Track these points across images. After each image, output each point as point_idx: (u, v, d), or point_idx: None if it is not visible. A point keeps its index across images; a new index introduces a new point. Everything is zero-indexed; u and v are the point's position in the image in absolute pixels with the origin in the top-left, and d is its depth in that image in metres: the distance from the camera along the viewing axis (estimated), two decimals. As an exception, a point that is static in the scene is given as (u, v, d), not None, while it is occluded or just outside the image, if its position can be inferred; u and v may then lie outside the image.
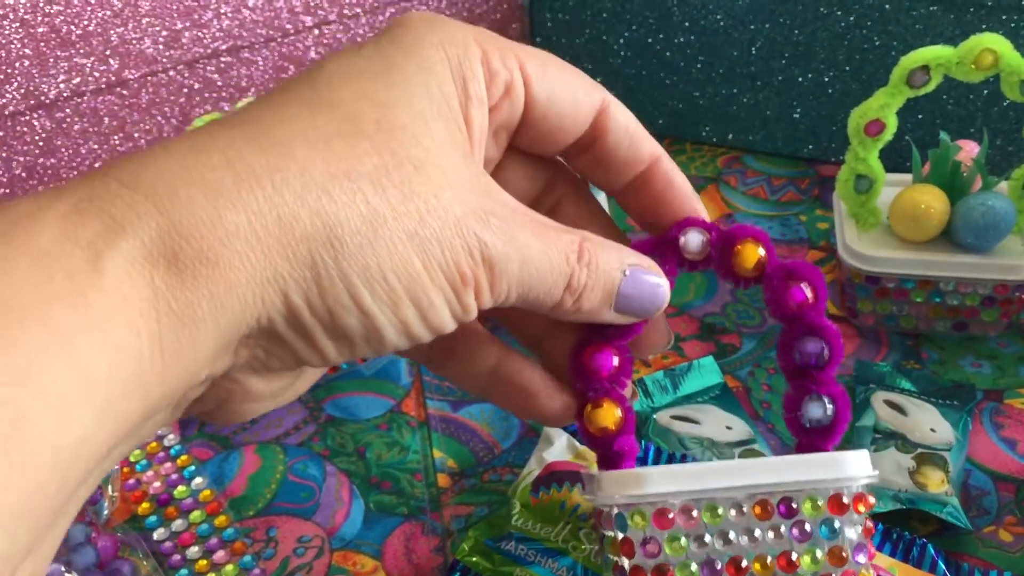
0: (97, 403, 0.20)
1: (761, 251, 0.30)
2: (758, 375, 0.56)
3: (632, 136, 0.29)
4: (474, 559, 0.44)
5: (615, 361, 0.30)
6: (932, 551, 0.43)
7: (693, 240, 0.30)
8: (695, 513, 0.29)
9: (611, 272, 0.28)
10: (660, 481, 0.28)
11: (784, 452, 0.51)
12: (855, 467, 0.29)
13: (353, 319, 0.23)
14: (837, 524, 0.29)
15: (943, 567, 0.43)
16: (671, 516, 0.29)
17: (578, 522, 0.45)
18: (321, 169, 0.23)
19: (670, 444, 0.50)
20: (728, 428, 0.51)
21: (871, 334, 0.59)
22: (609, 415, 0.30)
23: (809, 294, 0.30)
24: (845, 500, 0.29)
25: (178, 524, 0.49)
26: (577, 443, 0.50)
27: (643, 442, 0.49)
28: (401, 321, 0.24)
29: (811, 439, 0.30)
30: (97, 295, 0.20)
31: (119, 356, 0.20)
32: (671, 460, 0.47)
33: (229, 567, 0.47)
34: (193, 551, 0.48)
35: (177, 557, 0.48)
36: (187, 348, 0.22)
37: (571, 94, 0.28)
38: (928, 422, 0.51)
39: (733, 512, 0.29)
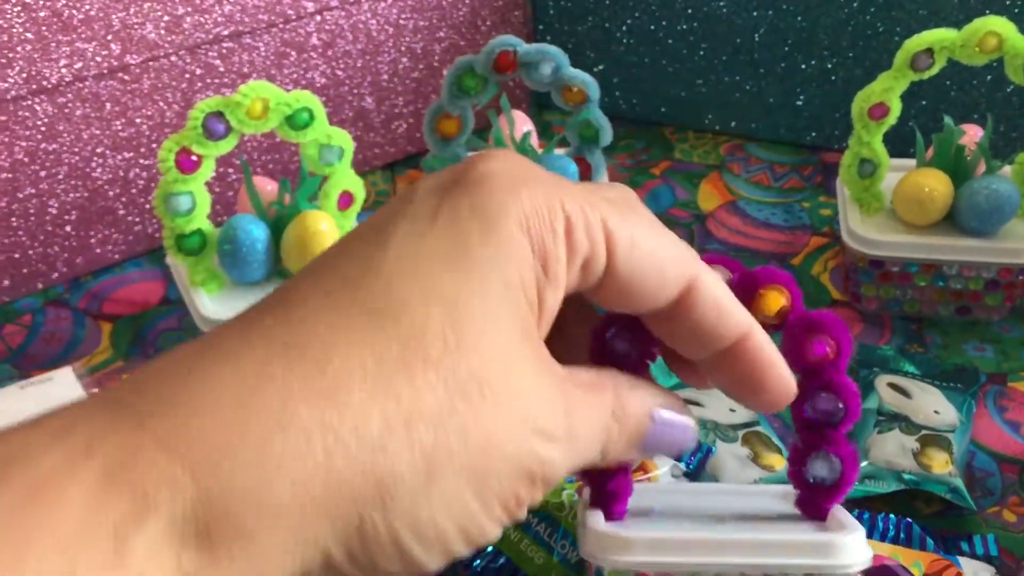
0: None
1: (784, 300, 0.28)
2: (761, 359, 0.56)
3: (720, 312, 0.26)
4: None
5: None
6: (918, 529, 0.44)
7: None
8: None
9: (640, 419, 0.26)
10: (645, 550, 0.27)
11: (786, 435, 0.51)
12: (851, 554, 0.27)
13: (397, 564, 0.22)
14: None
15: (932, 542, 0.43)
16: None
17: (563, 483, 0.45)
18: (378, 421, 0.21)
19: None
20: (731, 411, 0.51)
21: (874, 318, 0.59)
22: None
23: (831, 349, 0.28)
24: None
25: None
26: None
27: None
28: (449, 555, 0.23)
29: (813, 495, 0.30)
30: None
31: None
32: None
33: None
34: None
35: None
36: None
37: (658, 271, 0.25)
38: (932, 404, 0.51)
39: None
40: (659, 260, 0.25)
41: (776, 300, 0.28)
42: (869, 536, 0.44)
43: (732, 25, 0.71)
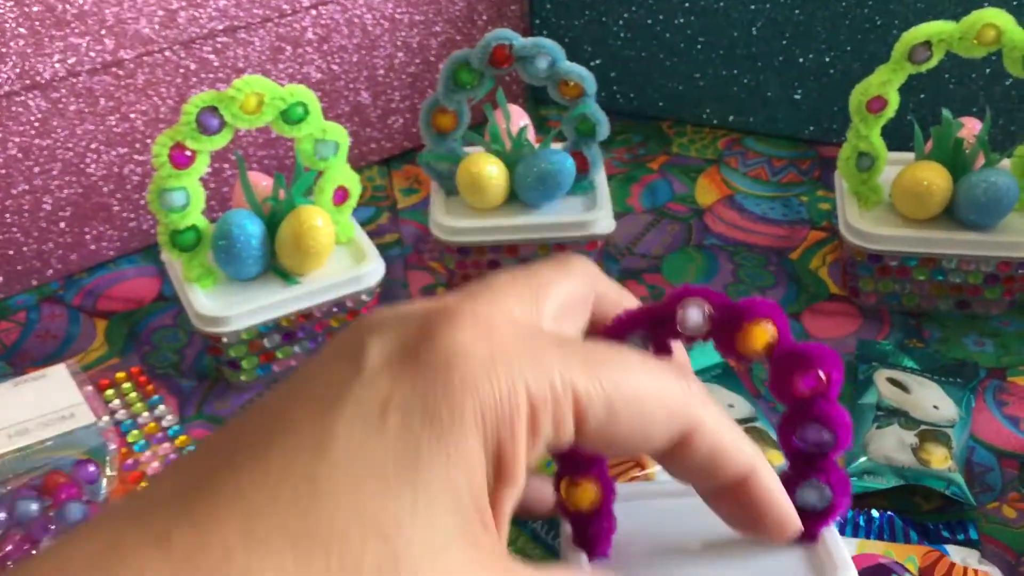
0: None
1: (769, 335, 0.27)
2: (759, 354, 0.56)
3: (717, 460, 0.25)
4: None
5: None
6: (900, 522, 0.44)
7: (692, 317, 0.27)
8: None
9: None
10: None
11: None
12: None
13: None
14: None
15: (915, 534, 0.43)
16: None
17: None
18: None
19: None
20: (730, 406, 0.50)
21: (873, 313, 0.58)
22: (585, 495, 0.28)
23: (820, 383, 0.27)
24: None
25: (176, 504, 0.49)
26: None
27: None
28: None
29: (803, 519, 0.29)
30: None
31: None
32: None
33: (228, 546, 0.46)
34: (191, 530, 0.47)
35: (175, 536, 0.47)
36: None
37: (640, 428, 0.23)
38: (931, 399, 0.51)
39: None
40: (643, 415, 0.23)
41: (761, 336, 0.27)
42: (859, 535, 0.44)
43: (729, 19, 0.71)
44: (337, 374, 0.21)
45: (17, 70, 0.56)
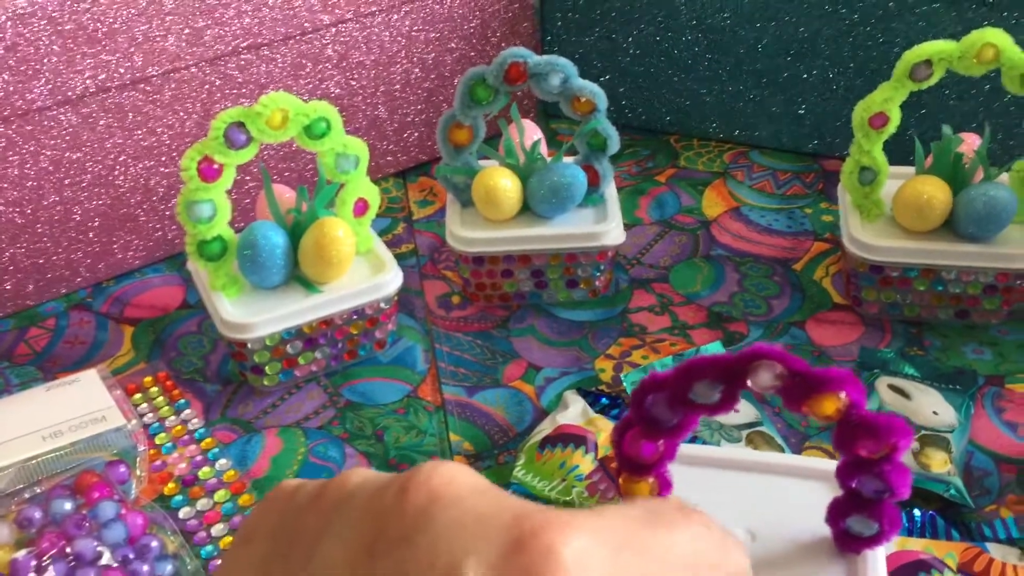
0: None
1: (838, 404, 0.28)
2: (765, 362, 0.58)
3: None
4: None
5: (660, 448, 0.30)
6: (942, 521, 0.45)
7: (763, 379, 0.28)
8: None
9: None
10: None
11: (789, 434, 0.53)
12: None
13: None
14: None
15: (956, 533, 0.45)
16: None
17: (574, 481, 0.47)
18: None
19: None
20: (735, 411, 0.52)
21: (875, 322, 0.60)
22: (642, 491, 0.31)
23: (884, 448, 0.29)
24: None
25: (203, 503, 0.51)
26: (591, 411, 0.51)
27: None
28: None
29: (850, 539, 0.31)
30: None
31: None
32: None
33: (253, 544, 0.48)
34: (218, 528, 0.49)
35: (203, 534, 0.49)
36: None
37: None
38: (931, 405, 0.52)
39: None
40: None
41: (832, 405, 0.29)
42: (900, 533, 0.46)
43: (736, 36, 0.73)
44: None
45: (50, 86, 0.58)
